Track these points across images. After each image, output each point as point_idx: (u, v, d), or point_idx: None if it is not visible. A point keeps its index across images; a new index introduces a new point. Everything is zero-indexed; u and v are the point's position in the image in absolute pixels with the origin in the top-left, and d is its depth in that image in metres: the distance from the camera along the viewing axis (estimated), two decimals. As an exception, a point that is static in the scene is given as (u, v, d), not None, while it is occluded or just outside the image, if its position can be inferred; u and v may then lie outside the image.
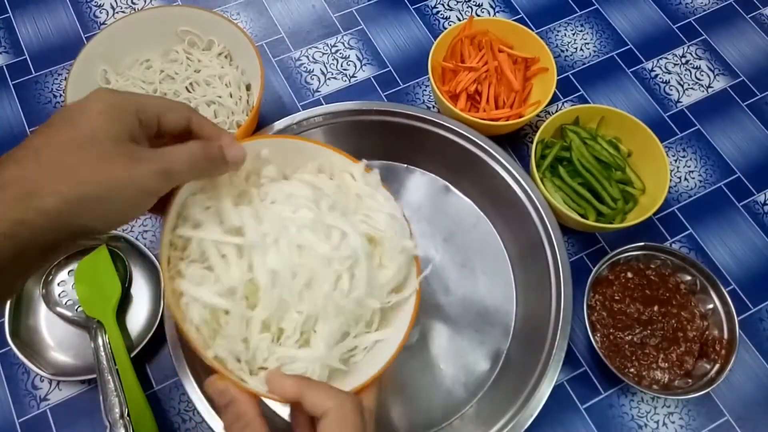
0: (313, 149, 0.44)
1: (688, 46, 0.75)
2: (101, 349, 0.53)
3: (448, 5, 0.76)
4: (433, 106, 0.69)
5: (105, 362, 0.53)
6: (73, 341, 0.56)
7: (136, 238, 0.59)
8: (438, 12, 0.75)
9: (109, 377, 0.52)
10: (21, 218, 0.27)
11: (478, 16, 0.75)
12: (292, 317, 0.37)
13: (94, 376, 0.52)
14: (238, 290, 0.35)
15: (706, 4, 0.78)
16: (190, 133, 0.36)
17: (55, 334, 0.56)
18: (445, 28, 0.69)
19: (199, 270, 0.35)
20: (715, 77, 0.73)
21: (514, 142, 0.68)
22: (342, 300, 0.38)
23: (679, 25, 0.76)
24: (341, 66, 0.71)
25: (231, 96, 0.62)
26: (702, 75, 0.73)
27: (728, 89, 0.72)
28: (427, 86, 0.70)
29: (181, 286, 0.35)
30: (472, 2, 0.76)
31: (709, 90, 0.72)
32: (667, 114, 0.71)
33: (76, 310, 0.56)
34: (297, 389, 0.34)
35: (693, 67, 0.73)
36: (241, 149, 0.37)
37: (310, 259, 0.37)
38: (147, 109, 0.33)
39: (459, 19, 0.75)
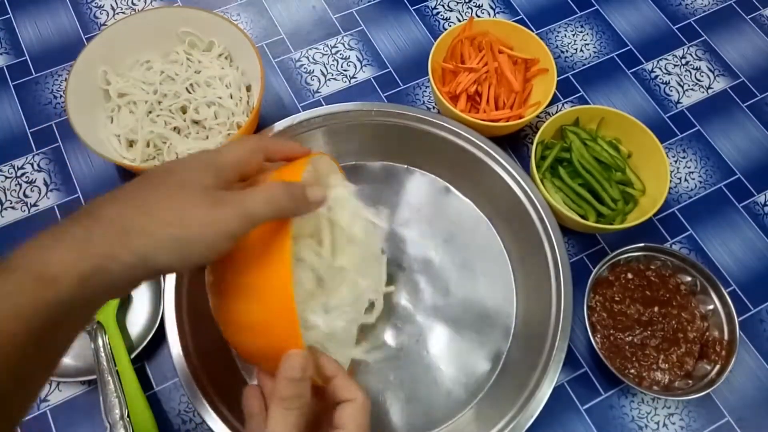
0: (336, 179, 0.48)
1: (688, 47, 0.75)
2: (101, 349, 0.53)
3: (448, 6, 0.76)
4: (434, 107, 0.69)
5: (105, 363, 0.53)
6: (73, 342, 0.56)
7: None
8: (438, 13, 0.76)
9: (110, 378, 0.52)
10: (112, 253, 0.29)
11: (478, 17, 0.75)
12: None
13: (94, 377, 0.52)
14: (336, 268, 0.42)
15: (706, 5, 0.78)
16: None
17: (55, 335, 0.56)
18: (445, 29, 0.69)
19: (309, 240, 0.42)
20: (715, 78, 0.73)
21: (514, 143, 0.68)
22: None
23: (679, 26, 0.76)
24: (341, 67, 0.71)
25: (231, 97, 0.62)
26: (702, 76, 0.73)
27: (728, 90, 0.72)
28: (427, 87, 0.71)
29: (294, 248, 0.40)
30: (472, 3, 0.76)
31: (709, 91, 0.72)
32: (667, 115, 0.71)
33: (77, 310, 0.56)
34: (335, 370, 0.38)
35: (693, 68, 0.73)
36: (323, 191, 0.39)
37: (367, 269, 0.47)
38: (233, 167, 0.36)
39: (459, 20, 0.75)
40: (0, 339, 0.26)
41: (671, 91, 0.72)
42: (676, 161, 0.68)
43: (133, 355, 0.53)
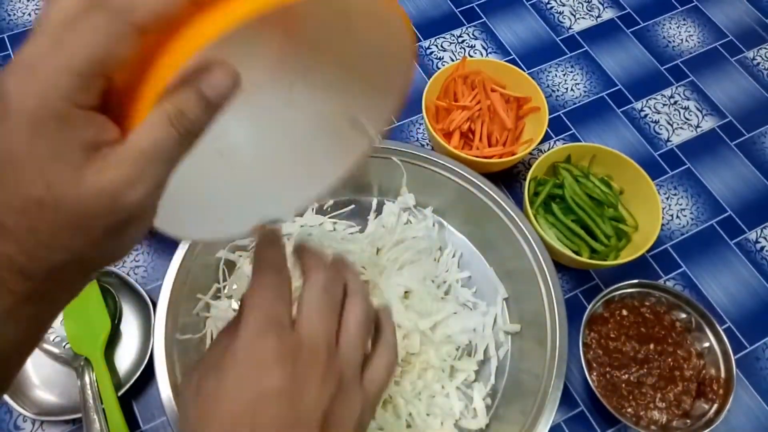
0: None
1: (676, 87, 0.76)
2: (88, 387, 0.52)
3: (441, 46, 0.78)
4: (427, 144, 0.70)
5: (91, 401, 0.51)
6: (58, 379, 0.54)
7: (128, 274, 0.59)
8: (432, 53, 0.77)
9: (95, 417, 0.50)
10: None
11: (471, 57, 0.77)
12: None
13: (79, 415, 0.51)
14: None
15: (692, 47, 0.80)
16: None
17: (40, 372, 0.55)
18: (439, 68, 0.70)
19: None
20: (703, 117, 0.74)
21: (507, 179, 0.68)
22: None
23: (666, 66, 0.78)
24: (336, 104, 0.72)
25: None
26: (690, 115, 0.75)
27: (716, 129, 0.74)
28: (421, 124, 0.71)
29: None
30: (464, 44, 0.78)
31: (698, 130, 0.74)
32: (658, 153, 0.72)
33: (64, 347, 0.54)
34: None
35: (681, 108, 0.75)
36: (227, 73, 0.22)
37: None
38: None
39: (452, 60, 0.77)
40: None
41: (661, 129, 0.73)
42: (667, 198, 0.69)
43: (120, 393, 0.52)
